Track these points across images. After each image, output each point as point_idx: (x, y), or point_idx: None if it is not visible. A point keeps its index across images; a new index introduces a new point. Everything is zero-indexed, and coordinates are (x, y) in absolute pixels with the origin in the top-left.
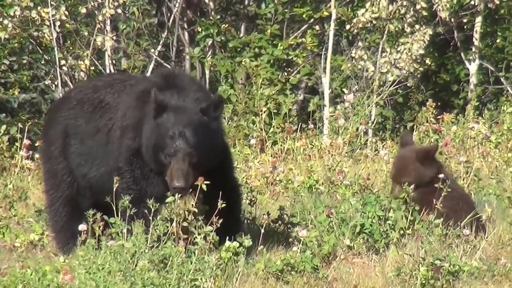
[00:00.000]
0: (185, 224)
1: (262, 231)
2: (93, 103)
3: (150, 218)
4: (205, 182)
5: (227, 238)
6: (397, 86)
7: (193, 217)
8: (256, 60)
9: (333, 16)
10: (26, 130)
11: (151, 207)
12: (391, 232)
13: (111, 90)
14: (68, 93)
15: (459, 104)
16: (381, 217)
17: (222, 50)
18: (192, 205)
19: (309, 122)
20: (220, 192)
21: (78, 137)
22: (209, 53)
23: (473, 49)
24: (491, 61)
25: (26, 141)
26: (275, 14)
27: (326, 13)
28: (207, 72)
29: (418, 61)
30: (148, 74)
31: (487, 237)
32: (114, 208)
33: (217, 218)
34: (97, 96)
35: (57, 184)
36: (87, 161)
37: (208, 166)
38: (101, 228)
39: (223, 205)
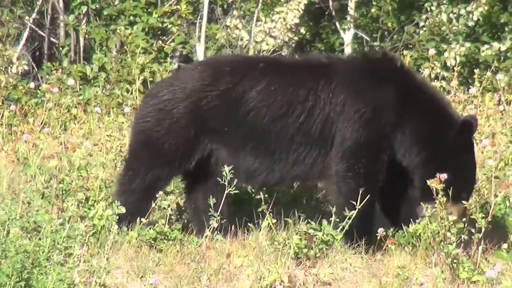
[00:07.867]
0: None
1: None
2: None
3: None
4: None
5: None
6: (272, 55)
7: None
8: (131, 28)
9: None
10: None
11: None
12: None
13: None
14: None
15: None
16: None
17: (97, 18)
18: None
19: None
20: None
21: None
22: (84, 20)
23: (348, 18)
24: (366, 30)
25: None
26: None
27: None
28: (81, 39)
29: (293, 30)
30: (23, 42)
31: None
32: None
33: None
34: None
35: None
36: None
37: None
38: None
39: None
